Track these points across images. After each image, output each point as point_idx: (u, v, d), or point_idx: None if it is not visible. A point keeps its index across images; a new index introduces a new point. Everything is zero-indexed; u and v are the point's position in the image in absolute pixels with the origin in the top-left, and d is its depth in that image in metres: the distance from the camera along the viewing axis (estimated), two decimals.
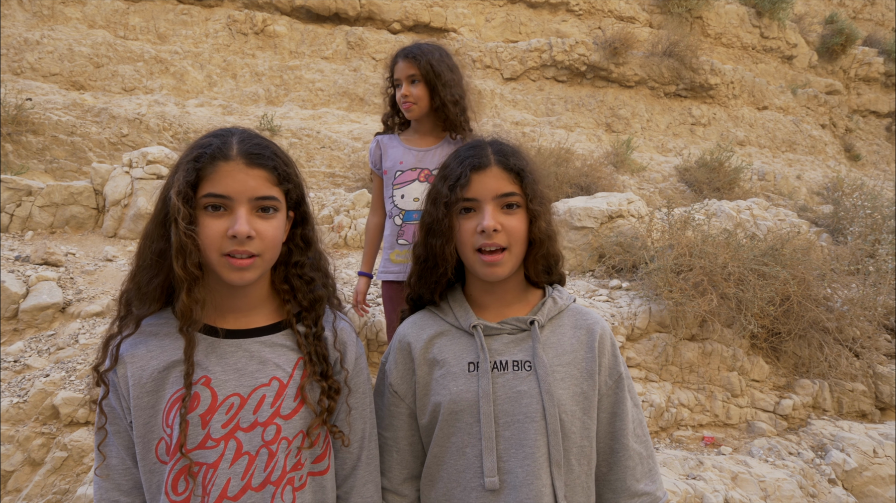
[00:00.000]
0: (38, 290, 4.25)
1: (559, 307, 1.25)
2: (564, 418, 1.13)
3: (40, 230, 5.33)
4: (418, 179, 2.30)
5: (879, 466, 3.56)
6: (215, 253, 1.03)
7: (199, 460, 1.02)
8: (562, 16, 10.44)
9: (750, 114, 11.30)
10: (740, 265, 4.30)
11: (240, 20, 8.50)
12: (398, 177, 2.30)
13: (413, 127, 2.37)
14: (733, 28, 11.69)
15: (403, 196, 2.30)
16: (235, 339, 1.10)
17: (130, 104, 7.20)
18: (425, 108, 2.24)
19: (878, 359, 4.60)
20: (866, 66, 13.68)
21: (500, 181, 1.18)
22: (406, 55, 2.23)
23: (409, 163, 2.30)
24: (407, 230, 2.30)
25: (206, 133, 1.12)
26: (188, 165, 1.04)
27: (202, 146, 1.07)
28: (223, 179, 1.03)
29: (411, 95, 2.20)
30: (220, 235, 1.02)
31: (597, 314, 1.27)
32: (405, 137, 2.36)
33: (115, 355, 1.06)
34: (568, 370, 1.17)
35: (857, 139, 13.24)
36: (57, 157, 6.26)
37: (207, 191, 1.02)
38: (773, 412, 4.11)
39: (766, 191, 9.58)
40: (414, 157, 2.31)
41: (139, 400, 1.04)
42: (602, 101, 9.99)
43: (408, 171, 2.30)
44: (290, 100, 8.26)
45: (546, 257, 1.24)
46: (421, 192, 2.28)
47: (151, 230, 1.07)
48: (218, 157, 1.04)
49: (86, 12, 7.92)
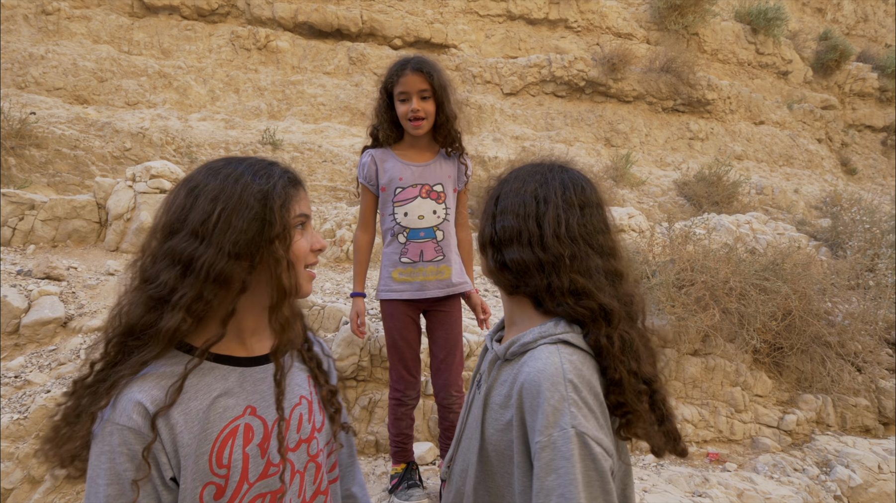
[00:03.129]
0: (40, 305, 4.24)
1: (524, 342, 1.11)
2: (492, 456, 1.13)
3: (42, 244, 5.33)
4: (420, 195, 2.22)
5: (885, 482, 3.54)
6: (302, 267, 1.10)
7: (265, 490, 1.02)
8: (560, 32, 10.57)
9: (747, 128, 11.40)
10: (742, 280, 4.32)
11: (243, 36, 8.58)
12: (398, 193, 2.22)
13: (408, 141, 2.27)
14: (729, 44, 11.84)
15: (407, 214, 2.22)
16: (257, 367, 1.09)
17: (134, 118, 7.24)
18: (431, 123, 2.18)
19: (880, 374, 4.60)
20: (861, 81, 13.85)
21: None
22: (417, 68, 2.12)
23: (409, 179, 2.22)
24: (411, 248, 2.23)
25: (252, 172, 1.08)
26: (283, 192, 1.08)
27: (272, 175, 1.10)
28: (302, 201, 1.14)
29: (422, 111, 2.12)
30: (306, 251, 1.11)
31: (545, 362, 1.03)
32: (400, 152, 2.27)
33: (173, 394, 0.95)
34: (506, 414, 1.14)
35: (853, 153, 13.35)
36: (60, 171, 6.28)
37: (299, 211, 1.12)
38: (777, 427, 4.10)
39: (765, 204, 9.64)
40: (413, 172, 2.23)
41: (189, 447, 0.96)
42: (601, 116, 10.08)
43: (409, 188, 2.22)
44: (292, 114, 8.32)
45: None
46: (426, 209, 2.22)
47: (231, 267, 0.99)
48: (292, 183, 1.12)
49: (91, 28, 7.99)
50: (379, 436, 3.64)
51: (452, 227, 2.30)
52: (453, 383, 2.35)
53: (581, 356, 1.06)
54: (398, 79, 2.14)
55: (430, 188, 2.23)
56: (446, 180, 2.27)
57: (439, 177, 2.25)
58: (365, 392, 3.99)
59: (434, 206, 2.24)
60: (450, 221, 2.28)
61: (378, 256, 5.43)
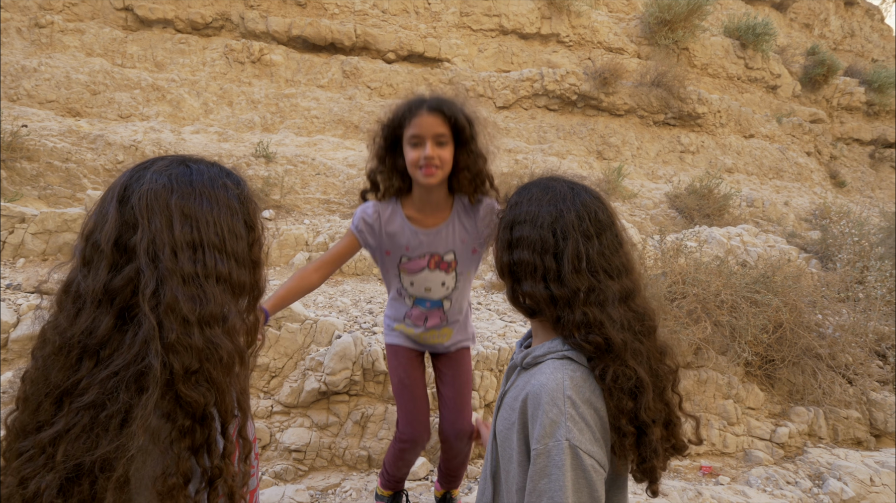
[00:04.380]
0: (30, 319, 4.20)
1: (536, 356, 1.19)
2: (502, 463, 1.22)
3: (32, 258, 5.29)
4: (428, 268, 1.99)
5: (877, 495, 3.55)
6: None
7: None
8: (552, 47, 10.69)
9: (737, 142, 11.54)
10: (733, 293, 4.35)
11: (237, 49, 8.62)
12: (404, 262, 2.00)
13: (419, 195, 1.91)
14: (719, 59, 12.01)
15: (413, 284, 2.03)
16: None
17: (126, 131, 7.23)
18: (447, 173, 1.84)
19: (871, 386, 4.63)
20: (848, 95, 14.07)
21: None
22: (436, 108, 1.78)
23: (417, 249, 1.96)
24: (416, 314, 2.08)
25: (224, 174, 1.05)
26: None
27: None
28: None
29: (437, 158, 1.76)
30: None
31: (549, 377, 1.10)
32: (409, 212, 1.94)
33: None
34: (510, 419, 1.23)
35: (841, 166, 13.53)
36: (51, 184, 6.26)
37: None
38: (770, 440, 4.11)
39: (755, 217, 9.72)
40: (421, 241, 1.95)
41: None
42: (593, 130, 10.17)
43: (416, 259, 1.98)
44: (285, 127, 8.34)
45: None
46: (434, 281, 2.00)
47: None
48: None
49: (84, 41, 8.00)
50: (371, 450, 3.61)
51: (463, 292, 2.08)
52: (463, 429, 2.14)
53: (584, 372, 1.11)
54: (411, 119, 1.78)
55: (440, 258, 1.97)
56: (459, 246, 1.97)
57: (451, 243, 1.96)
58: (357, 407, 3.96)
59: (443, 278, 2.01)
60: (459, 289, 2.06)
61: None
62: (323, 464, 3.58)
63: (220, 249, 0.91)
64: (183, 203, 0.90)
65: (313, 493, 3.28)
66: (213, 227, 0.91)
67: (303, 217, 6.79)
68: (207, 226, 0.91)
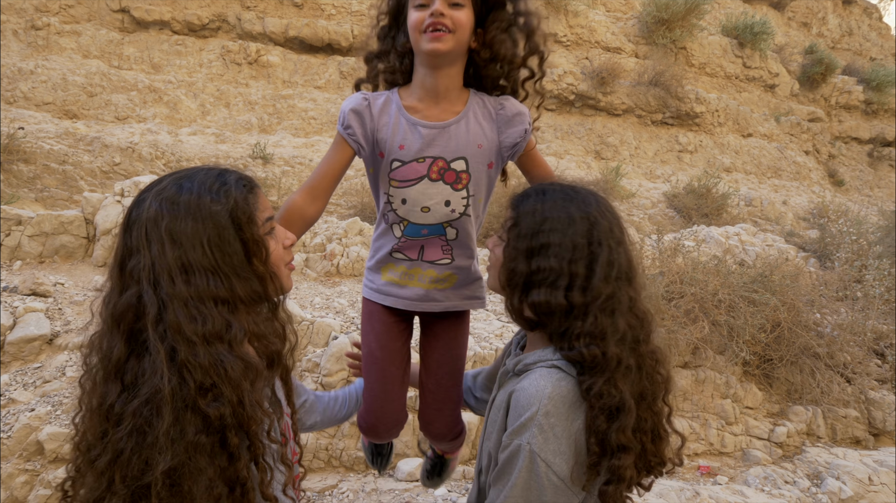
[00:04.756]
0: (26, 322, 4.19)
1: (527, 363, 1.19)
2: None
3: (29, 260, 5.28)
4: (428, 177, 1.44)
5: (875, 494, 3.54)
6: (283, 268, 1.16)
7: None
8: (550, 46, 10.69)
9: (735, 141, 11.54)
10: (731, 292, 4.35)
11: (234, 50, 8.62)
12: (396, 169, 1.45)
13: (420, 78, 1.44)
14: (716, 58, 12.01)
15: (406, 201, 1.47)
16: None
17: (123, 133, 7.22)
18: (462, 45, 1.36)
19: (869, 385, 4.62)
20: (846, 94, 14.08)
21: None
22: None
23: (414, 147, 1.42)
24: (409, 245, 1.52)
25: (208, 192, 1.05)
26: (245, 204, 1.05)
27: (228, 187, 1.08)
28: (262, 203, 1.10)
29: (449, 19, 1.31)
30: (281, 253, 1.15)
31: (532, 382, 1.11)
32: (408, 102, 1.45)
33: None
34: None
35: (840, 165, 13.53)
36: (48, 186, 6.24)
37: (264, 217, 1.09)
38: (768, 439, 4.10)
39: (754, 216, 9.72)
40: (422, 137, 1.42)
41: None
42: (591, 129, 10.17)
43: (412, 164, 1.43)
44: (282, 128, 8.33)
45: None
46: (435, 197, 1.46)
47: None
48: (249, 189, 1.08)
49: (81, 43, 8.00)
50: None
51: (474, 220, 1.53)
52: (441, 434, 1.68)
53: (570, 384, 1.11)
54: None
55: (446, 165, 1.43)
56: (474, 152, 1.44)
57: (463, 146, 1.43)
58: None
59: (448, 195, 1.46)
60: (471, 216, 1.51)
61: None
62: (320, 466, 3.57)
63: (212, 269, 0.94)
64: (172, 226, 0.93)
65: (311, 495, 3.27)
66: (201, 248, 0.94)
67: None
68: (194, 248, 0.94)
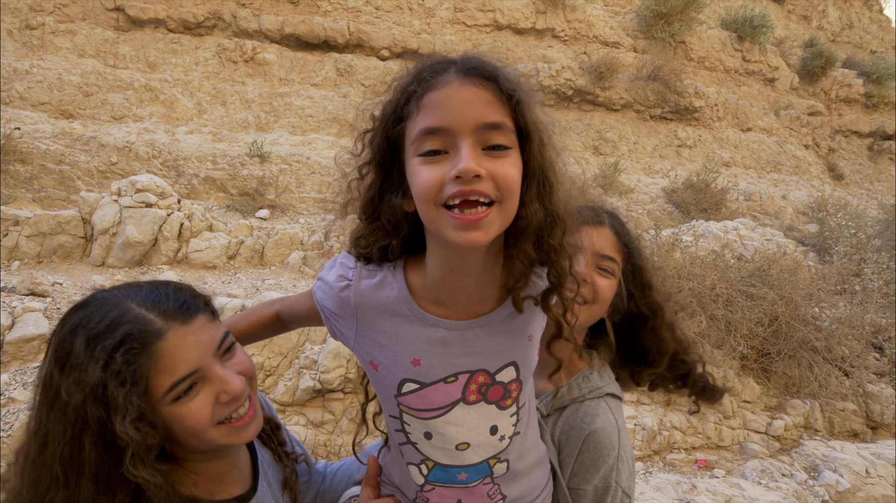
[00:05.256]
0: (24, 322, 4.19)
1: (571, 398, 1.19)
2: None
3: (27, 260, 5.28)
4: (464, 400, 0.98)
5: (872, 486, 3.55)
6: (212, 428, 0.95)
7: None
8: (548, 42, 10.65)
9: (734, 135, 11.51)
10: (728, 286, 4.34)
11: (229, 48, 8.60)
12: (408, 392, 0.99)
13: (439, 260, 0.93)
14: (716, 52, 11.97)
15: (432, 436, 1.01)
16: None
17: (120, 132, 7.22)
18: (510, 220, 0.85)
19: (867, 378, 4.62)
20: (846, 87, 14.03)
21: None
22: (473, 71, 0.86)
23: (439, 365, 0.96)
24: (438, 495, 1.06)
25: (87, 346, 0.86)
26: (125, 375, 0.84)
27: (117, 345, 0.85)
28: (185, 350, 0.89)
29: (489, 179, 0.80)
30: (206, 416, 0.96)
31: (603, 421, 1.15)
32: (420, 289, 0.97)
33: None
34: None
35: (840, 159, 13.50)
36: (45, 187, 6.24)
37: (173, 380, 0.88)
38: (766, 433, 4.10)
39: (753, 211, 9.70)
40: (448, 349, 0.96)
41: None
42: (589, 125, 10.15)
43: (436, 386, 0.97)
44: (279, 126, 8.32)
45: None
46: (477, 427, 1.00)
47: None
48: (150, 341, 0.86)
49: (76, 42, 7.98)
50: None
51: (527, 431, 1.09)
52: None
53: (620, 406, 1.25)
54: (424, 94, 0.85)
55: (489, 380, 0.98)
56: (525, 348, 1.00)
57: (512, 346, 0.99)
58: (353, 404, 3.96)
59: (496, 418, 1.02)
60: (522, 432, 1.06)
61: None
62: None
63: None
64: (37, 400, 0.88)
65: None
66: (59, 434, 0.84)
67: (298, 216, 6.78)
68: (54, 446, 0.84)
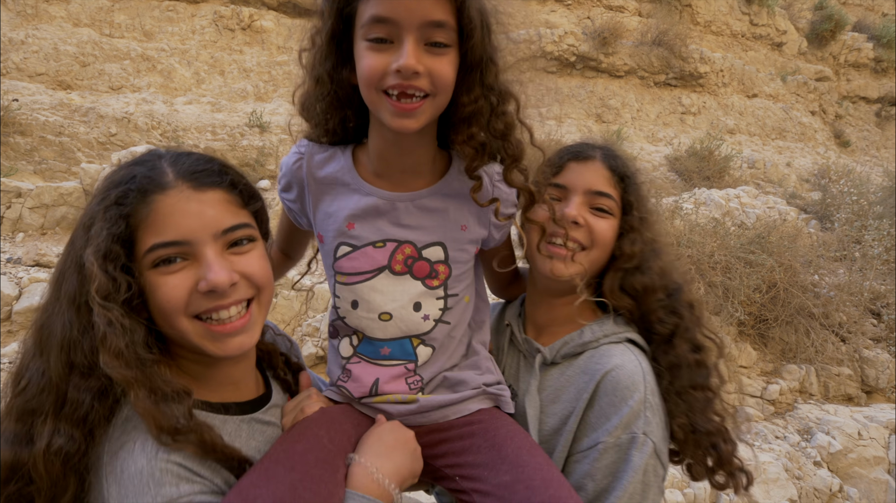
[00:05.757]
0: (31, 292, 4.26)
1: (582, 342, 1.10)
2: None
3: (31, 232, 5.32)
4: (390, 269, 1.03)
5: (864, 448, 3.63)
6: (184, 318, 0.82)
7: None
8: (550, 6, 10.42)
9: (740, 102, 11.34)
10: (727, 253, 4.36)
11: (226, 16, 8.45)
12: (343, 256, 1.04)
13: (379, 141, 1.01)
14: (722, 16, 11.70)
15: (357, 304, 1.05)
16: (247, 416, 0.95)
17: (118, 103, 7.17)
18: (442, 109, 0.95)
19: (864, 344, 4.67)
20: (856, 51, 13.73)
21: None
22: None
23: (369, 229, 1.03)
24: (355, 372, 1.08)
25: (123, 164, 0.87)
26: (110, 213, 0.78)
27: (122, 181, 0.81)
28: (162, 221, 0.80)
29: (426, 73, 0.87)
30: (182, 297, 0.81)
31: (623, 359, 1.04)
32: (364, 165, 1.05)
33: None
34: (554, 421, 1.08)
35: (846, 125, 13.31)
36: (46, 158, 6.24)
37: (151, 243, 0.79)
38: (761, 397, 4.18)
39: (757, 178, 9.64)
40: (380, 212, 1.03)
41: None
42: (592, 92, 10.01)
43: (366, 250, 1.03)
44: (279, 95, 8.24)
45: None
46: (399, 297, 1.03)
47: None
48: (150, 189, 0.80)
49: (70, 11, 7.86)
50: None
51: (457, 328, 1.10)
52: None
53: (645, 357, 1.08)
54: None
55: (416, 254, 1.03)
56: (456, 235, 1.06)
57: (442, 227, 1.05)
58: None
59: (417, 294, 1.05)
60: (451, 323, 1.08)
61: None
62: None
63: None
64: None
65: None
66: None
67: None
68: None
